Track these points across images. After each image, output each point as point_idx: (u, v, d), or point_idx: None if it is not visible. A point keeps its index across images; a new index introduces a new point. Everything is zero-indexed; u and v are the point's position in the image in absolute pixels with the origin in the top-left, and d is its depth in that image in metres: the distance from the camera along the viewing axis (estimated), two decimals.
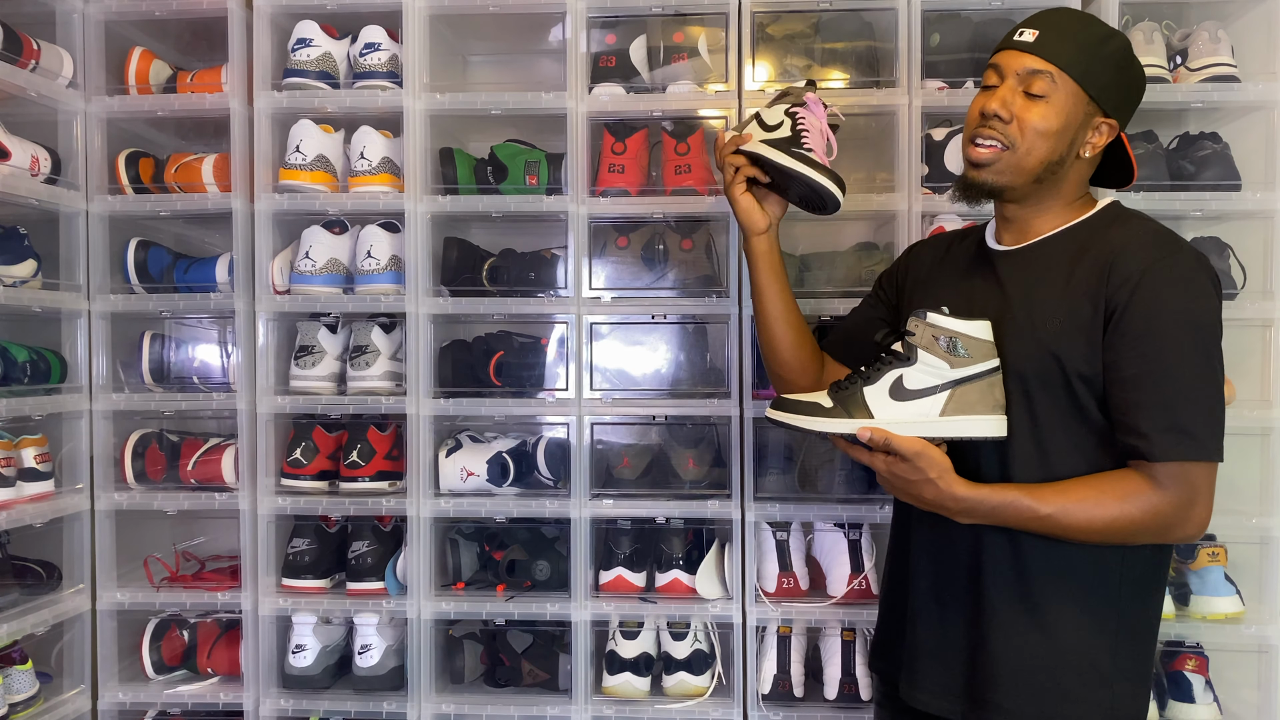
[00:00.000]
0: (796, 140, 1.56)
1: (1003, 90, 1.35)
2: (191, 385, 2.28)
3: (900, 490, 1.35)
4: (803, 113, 1.58)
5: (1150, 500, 1.25)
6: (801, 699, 2.07)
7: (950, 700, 1.39)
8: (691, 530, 2.18)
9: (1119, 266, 1.28)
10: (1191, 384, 1.26)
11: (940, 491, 1.29)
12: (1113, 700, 1.32)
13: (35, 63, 2.05)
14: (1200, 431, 1.25)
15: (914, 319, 1.35)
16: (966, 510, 1.31)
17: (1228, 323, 1.99)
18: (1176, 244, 1.32)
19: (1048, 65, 1.33)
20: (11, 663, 1.98)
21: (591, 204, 2.11)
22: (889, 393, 1.34)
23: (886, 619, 1.58)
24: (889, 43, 2.10)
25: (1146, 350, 1.26)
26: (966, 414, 1.32)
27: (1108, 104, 1.37)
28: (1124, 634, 1.33)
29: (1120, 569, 1.33)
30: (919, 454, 1.28)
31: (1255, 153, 2.05)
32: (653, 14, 2.14)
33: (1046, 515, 1.27)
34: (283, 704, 2.12)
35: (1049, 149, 1.34)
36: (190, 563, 2.33)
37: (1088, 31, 1.37)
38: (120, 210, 2.20)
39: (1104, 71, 1.35)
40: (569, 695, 2.10)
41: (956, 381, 1.32)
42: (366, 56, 2.13)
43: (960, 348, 1.32)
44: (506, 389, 2.17)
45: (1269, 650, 1.98)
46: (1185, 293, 1.27)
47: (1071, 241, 1.38)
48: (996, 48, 1.41)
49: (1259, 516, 2.00)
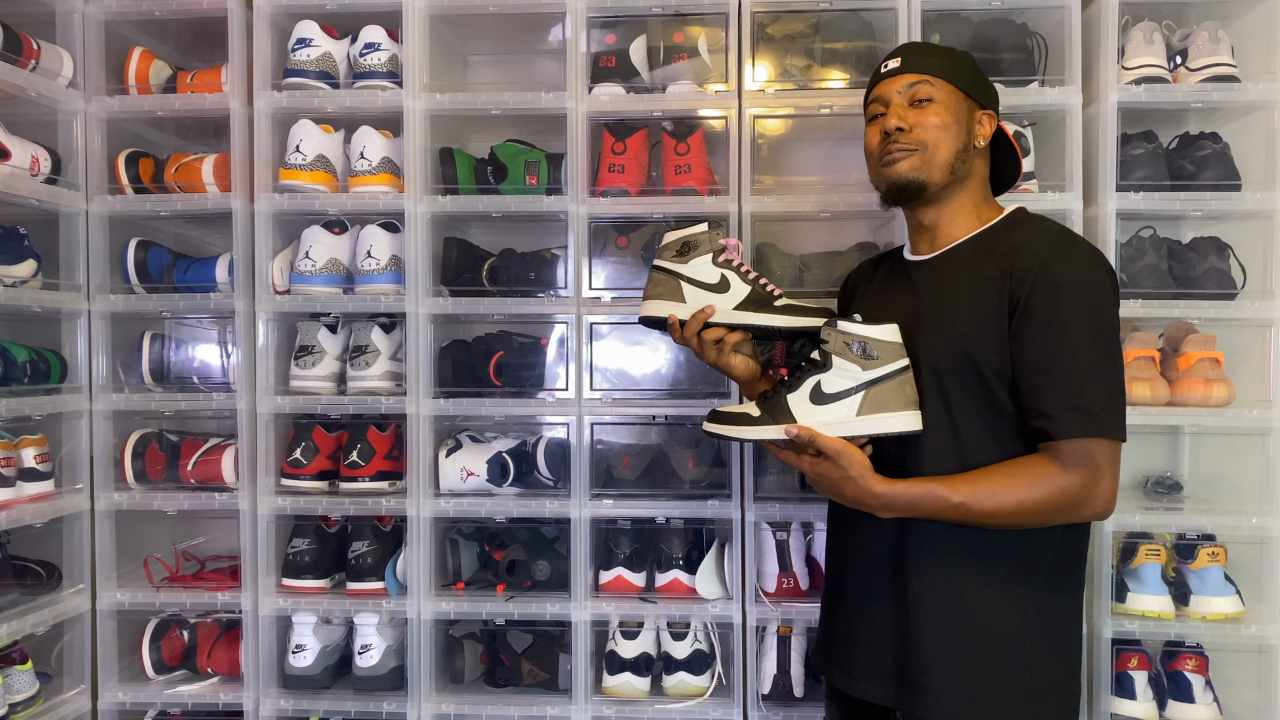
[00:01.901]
0: (763, 292, 1.58)
1: (893, 109, 1.50)
2: (191, 385, 2.28)
3: (826, 488, 1.44)
4: (732, 256, 1.60)
5: (1057, 481, 1.33)
6: (801, 699, 2.07)
7: (885, 686, 1.48)
8: (691, 530, 2.18)
9: (1019, 263, 1.39)
10: (1091, 367, 1.34)
11: (860, 488, 1.39)
12: (1032, 677, 1.40)
13: (35, 63, 2.05)
14: (1101, 411, 1.33)
15: (827, 327, 1.45)
16: (885, 505, 1.40)
17: (1228, 323, 2.03)
18: (1072, 239, 1.44)
19: (921, 75, 1.50)
20: (11, 663, 1.98)
21: (591, 204, 2.11)
22: (809, 397, 1.43)
23: (825, 618, 1.65)
24: (889, 43, 2.10)
25: (1048, 337, 1.35)
26: (881, 412, 1.41)
27: (980, 97, 1.53)
28: (1042, 613, 1.41)
29: (1037, 553, 1.41)
30: (840, 452, 1.38)
31: (1255, 153, 2.05)
32: (653, 14, 2.14)
33: (959, 503, 1.36)
34: (283, 704, 2.12)
35: (952, 140, 1.48)
36: (190, 563, 2.33)
37: (936, 49, 1.57)
38: (120, 210, 2.20)
39: (964, 72, 1.52)
40: (569, 695, 2.10)
41: (869, 383, 1.41)
42: (366, 56, 2.13)
43: (870, 351, 1.42)
44: (506, 389, 2.17)
45: (1269, 650, 1.98)
46: (1082, 282, 1.37)
47: (979, 245, 1.49)
48: (869, 86, 1.58)
49: (1259, 516, 2.00)
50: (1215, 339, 2.02)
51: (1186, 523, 2.03)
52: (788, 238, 2.24)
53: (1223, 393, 1.98)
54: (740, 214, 2.07)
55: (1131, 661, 1.98)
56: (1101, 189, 2.02)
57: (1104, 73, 2.02)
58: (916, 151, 1.47)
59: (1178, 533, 2.05)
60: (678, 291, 1.61)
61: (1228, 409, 1.99)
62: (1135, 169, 2.04)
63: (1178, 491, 2.21)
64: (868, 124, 1.56)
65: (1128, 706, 1.97)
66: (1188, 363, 2.00)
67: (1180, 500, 2.19)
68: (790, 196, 2.09)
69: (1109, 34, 2.01)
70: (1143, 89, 2.01)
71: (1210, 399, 1.98)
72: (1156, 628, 1.98)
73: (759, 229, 2.14)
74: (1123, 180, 2.02)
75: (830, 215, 2.12)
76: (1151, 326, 2.10)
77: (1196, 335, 2.03)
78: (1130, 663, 1.98)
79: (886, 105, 1.51)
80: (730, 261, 1.59)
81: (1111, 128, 2.00)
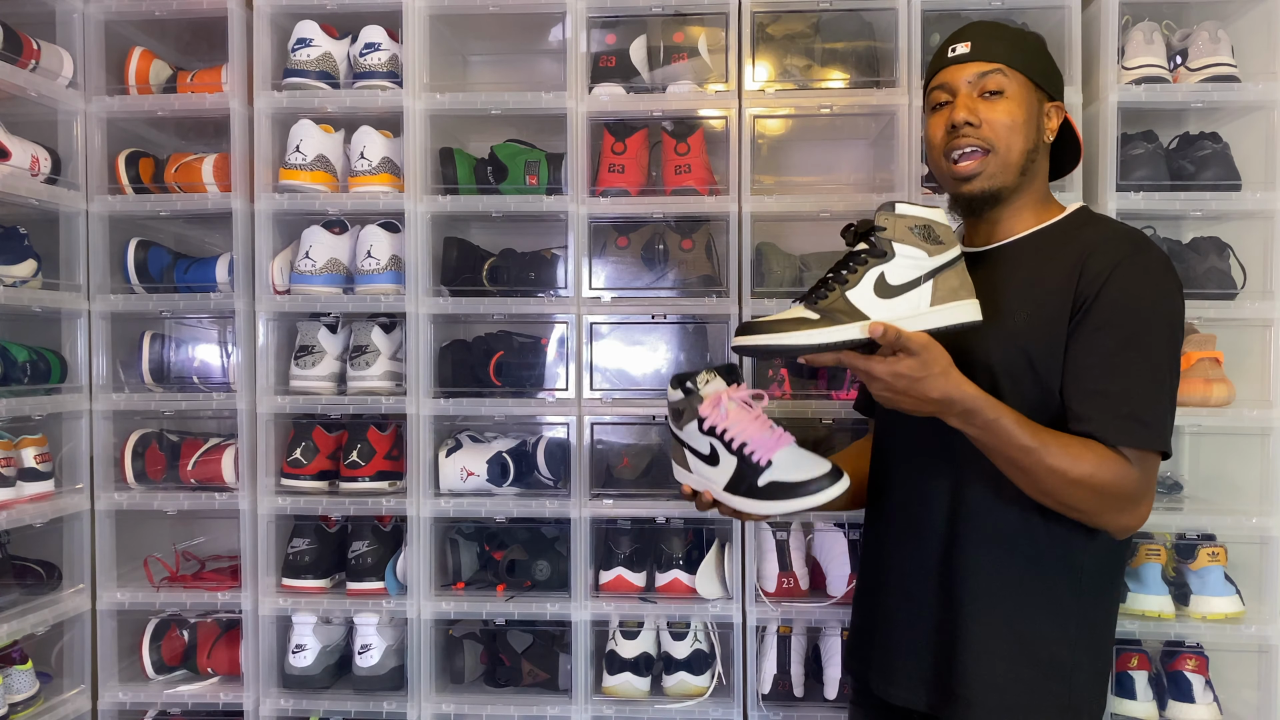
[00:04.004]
0: (749, 465, 1.34)
1: (961, 100, 1.39)
2: (191, 385, 2.28)
3: (903, 392, 1.26)
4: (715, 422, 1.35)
5: (1122, 470, 1.26)
6: (801, 699, 2.07)
7: (925, 693, 1.42)
8: (691, 530, 2.18)
9: (1091, 263, 1.31)
10: (1151, 376, 1.28)
11: (948, 384, 1.24)
12: (1070, 691, 1.36)
13: (35, 63, 2.05)
14: (1155, 423, 1.28)
15: (882, 212, 1.30)
16: (967, 411, 1.25)
17: (1228, 323, 2.03)
18: (1146, 243, 1.35)
19: (993, 65, 1.38)
20: (11, 663, 1.98)
21: (591, 204, 2.11)
22: (874, 291, 1.28)
23: (860, 620, 1.60)
24: (889, 43, 2.10)
25: (1110, 339, 1.28)
26: (953, 300, 1.29)
27: (1051, 88, 1.43)
28: (1083, 628, 1.37)
29: (1079, 567, 1.35)
30: (926, 346, 1.23)
31: (1255, 153, 2.05)
32: (653, 14, 2.14)
33: (1032, 447, 1.24)
34: (283, 704, 2.12)
35: (1024, 139, 1.39)
36: (190, 563, 2.33)
37: (1009, 31, 1.45)
38: (120, 210, 2.20)
39: (1037, 60, 1.42)
40: (569, 695, 2.10)
41: (938, 269, 1.29)
42: (366, 56, 2.13)
43: (935, 234, 1.29)
44: (506, 389, 2.17)
45: (1269, 650, 1.98)
46: (1154, 288, 1.30)
47: (1043, 242, 1.41)
48: (933, 70, 1.45)
49: (1259, 516, 2.00)
50: (1215, 339, 2.02)
51: (1186, 523, 2.03)
52: (788, 238, 2.24)
53: (1223, 393, 1.98)
54: (740, 214, 2.07)
55: (1132, 661, 1.98)
56: (1102, 189, 2.02)
57: (1104, 73, 2.02)
58: (988, 154, 1.37)
59: (1178, 533, 2.04)
60: (684, 459, 1.43)
61: (1228, 409, 1.99)
62: (1135, 169, 2.04)
63: (1178, 491, 2.21)
64: (930, 111, 1.45)
65: (1128, 706, 1.97)
66: (1188, 363, 2.00)
67: (1180, 500, 2.19)
68: (790, 196, 2.09)
69: (1109, 34, 2.01)
70: (1143, 89, 2.01)
71: (1210, 399, 1.98)
72: (1157, 628, 1.98)
73: (759, 229, 2.14)
74: (1123, 180, 2.02)
75: (830, 215, 2.12)
76: None
77: (1196, 335, 2.03)
78: (1130, 663, 1.98)
79: (953, 94, 1.40)
80: (714, 429, 1.35)
81: (1111, 127, 2.00)
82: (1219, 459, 2.21)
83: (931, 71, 1.46)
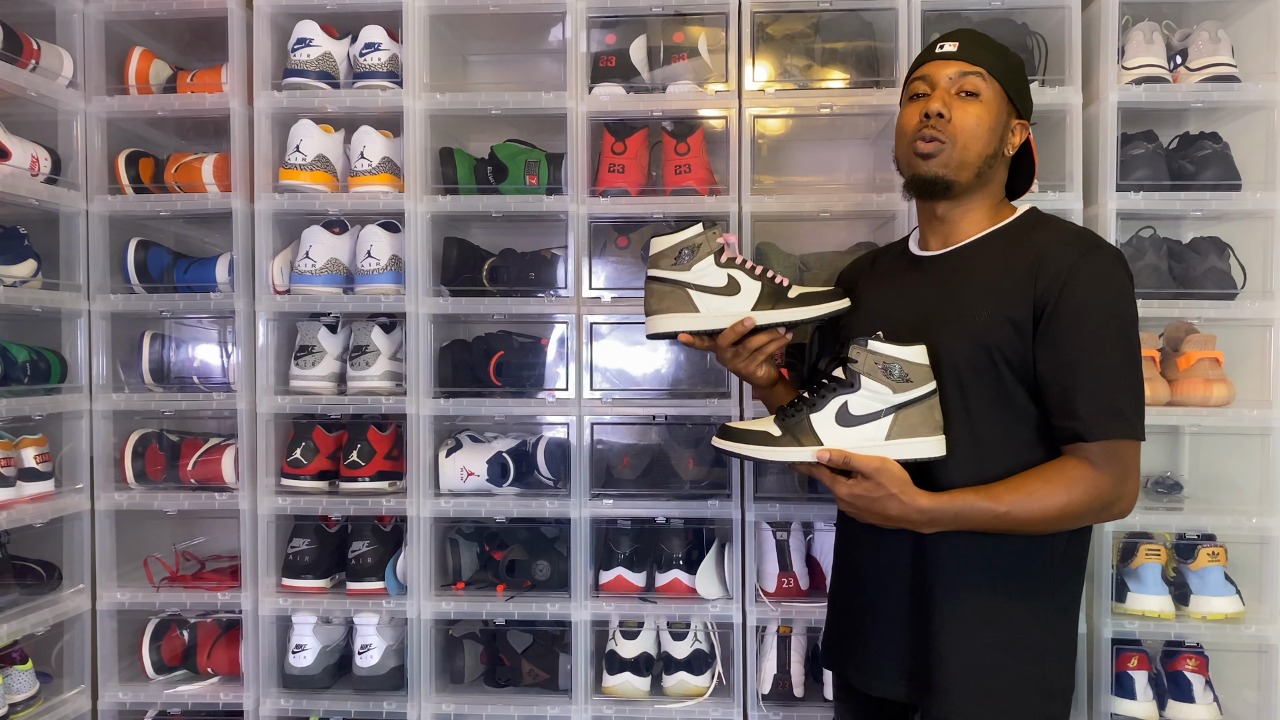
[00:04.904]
0: (773, 285, 1.53)
1: (939, 93, 1.46)
2: (191, 385, 2.28)
3: (864, 510, 1.40)
4: (734, 253, 1.55)
5: (1091, 482, 1.34)
6: (801, 699, 2.07)
7: (904, 684, 1.47)
8: (691, 530, 2.18)
9: (1047, 264, 1.38)
10: (1119, 368, 1.35)
11: (904, 505, 1.35)
12: (1044, 673, 1.41)
13: (35, 63, 2.05)
14: (1129, 411, 1.35)
15: (855, 346, 1.40)
16: (931, 520, 1.37)
17: (1228, 323, 2.03)
18: (1096, 240, 1.42)
19: (975, 67, 1.46)
20: (11, 663, 1.98)
21: (591, 204, 2.11)
22: (835, 418, 1.39)
23: (835, 615, 1.63)
24: (889, 43, 2.10)
25: (1077, 340, 1.35)
26: (911, 436, 1.38)
27: (1022, 106, 1.51)
28: (1053, 611, 1.43)
29: (1047, 552, 1.41)
30: (879, 469, 1.35)
31: (1255, 153, 2.05)
32: (653, 14, 2.14)
33: (1004, 512, 1.34)
34: (283, 704, 2.12)
35: (984, 143, 1.45)
36: (190, 563, 2.33)
37: (996, 44, 1.51)
38: (120, 210, 2.20)
39: (1015, 76, 1.50)
40: (569, 695, 2.10)
41: (899, 405, 1.38)
42: (366, 56, 2.13)
43: (902, 373, 1.38)
44: (506, 389, 2.17)
45: (1269, 650, 1.98)
46: (1108, 286, 1.37)
47: (997, 244, 1.47)
48: (918, 61, 1.52)
49: (1259, 516, 2.00)
50: (1215, 339, 2.02)
51: (1186, 523, 2.03)
52: (788, 238, 2.24)
53: (1223, 393, 1.98)
54: (740, 214, 2.07)
55: (1131, 661, 1.98)
56: (1102, 189, 2.02)
57: (1104, 73, 2.02)
58: (947, 145, 1.43)
59: (1178, 533, 2.05)
60: (686, 301, 1.54)
61: (1228, 409, 1.99)
62: (1135, 169, 2.04)
63: (1178, 491, 2.21)
64: (907, 100, 1.51)
65: (1128, 706, 1.97)
66: (1188, 363, 2.00)
67: (1180, 500, 2.19)
68: (790, 196, 2.09)
69: (1109, 34, 2.01)
70: (1143, 89, 2.01)
71: (1210, 399, 1.98)
72: (1156, 628, 1.98)
73: (759, 229, 2.14)
74: (1123, 180, 2.02)
75: (830, 215, 2.12)
76: (1151, 326, 2.10)
77: (1196, 335, 2.03)
78: (1130, 663, 1.98)
79: (932, 87, 1.46)
80: (734, 260, 1.54)
81: (1111, 127, 2.00)
82: (1219, 459, 2.21)
83: (916, 63, 1.53)
